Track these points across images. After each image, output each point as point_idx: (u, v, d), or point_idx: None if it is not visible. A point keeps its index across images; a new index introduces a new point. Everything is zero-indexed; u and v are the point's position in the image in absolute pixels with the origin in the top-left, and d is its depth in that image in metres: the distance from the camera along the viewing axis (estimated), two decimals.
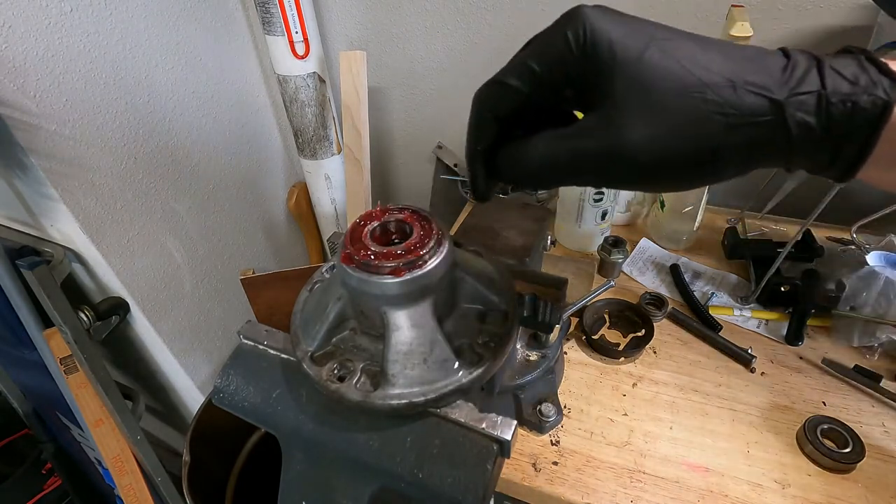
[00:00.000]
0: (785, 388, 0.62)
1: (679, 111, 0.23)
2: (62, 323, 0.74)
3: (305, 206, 1.20)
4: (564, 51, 0.24)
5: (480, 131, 0.28)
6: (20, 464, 1.11)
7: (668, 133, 0.23)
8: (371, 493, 0.30)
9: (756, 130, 0.22)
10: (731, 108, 0.22)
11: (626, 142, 0.23)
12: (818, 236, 0.76)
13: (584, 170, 0.26)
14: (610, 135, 0.24)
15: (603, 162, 0.25)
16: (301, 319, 0.34)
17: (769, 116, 0.22)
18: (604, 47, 0.24)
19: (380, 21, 0.98)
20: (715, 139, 0.23)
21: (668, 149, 0.23)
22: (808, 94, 0.22)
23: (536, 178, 0.27)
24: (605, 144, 0.24)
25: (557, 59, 0.25)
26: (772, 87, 0.22)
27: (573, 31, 0.24)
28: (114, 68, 0.74)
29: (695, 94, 0.22)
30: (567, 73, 0.25)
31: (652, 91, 0.23)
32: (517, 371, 0.55)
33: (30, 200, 0.73)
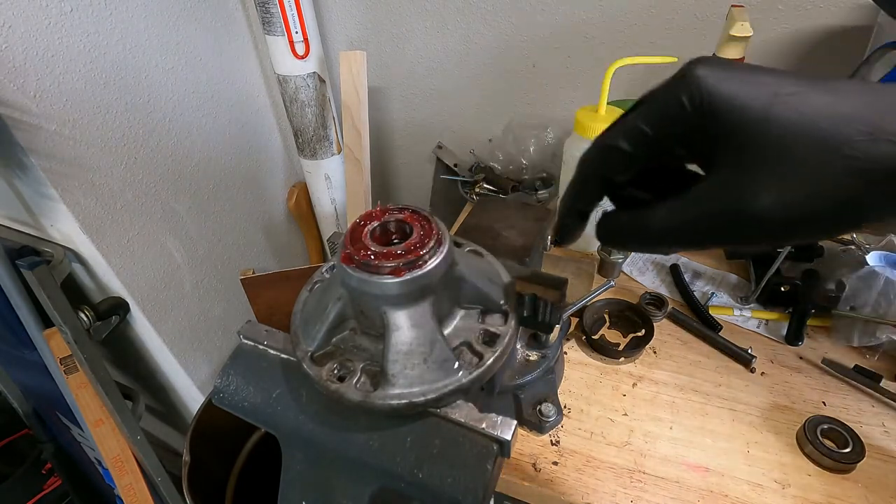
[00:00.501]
0: (785, 388, 0.62)
1: (813, 170, 0.21)
2: (62, 323, 0.74)
3: (305, 206, 1.20)
4: (680, 114, 0.23)
5: (585, 192, 0.28)
6: (20, 464, 1.11)
7: (802, 194, 0.22)
8: (371, 493, 0.30)
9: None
10: (871, 162, 0.21)
11: (758, 206, 0.22)
12: None
13: (710, 236, 0.25)
14: (739, 199, 0.23)
15: (732, 227, 0.23)
16: (301, 319, 0.34)
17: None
18: (723, 108, 0.22)
19: (380, 21, 0.98)
20: (855, 197, 0.21)
21: (804, 210, 0.22)
22: None
23: (659, 246, 0.27)
24: (733, 210, 0.23)
25: (672, 123, 0.24)
26: None
27: (688, 95, 0.23)
28: (114, 68, 0.74)
29: (830, 150, 0.21)
30: (682, 135, 0.24)
31: (782, 151, 0.22)
32: (517, 371, 0.55)
33: (30, 200, 0.73)
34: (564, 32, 0.87)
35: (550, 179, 0.94)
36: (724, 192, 0.23)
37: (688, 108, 0.23)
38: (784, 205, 0.22)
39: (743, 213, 0.23)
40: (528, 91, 0.96)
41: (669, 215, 0.25)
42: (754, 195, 0.22)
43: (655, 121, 0.25)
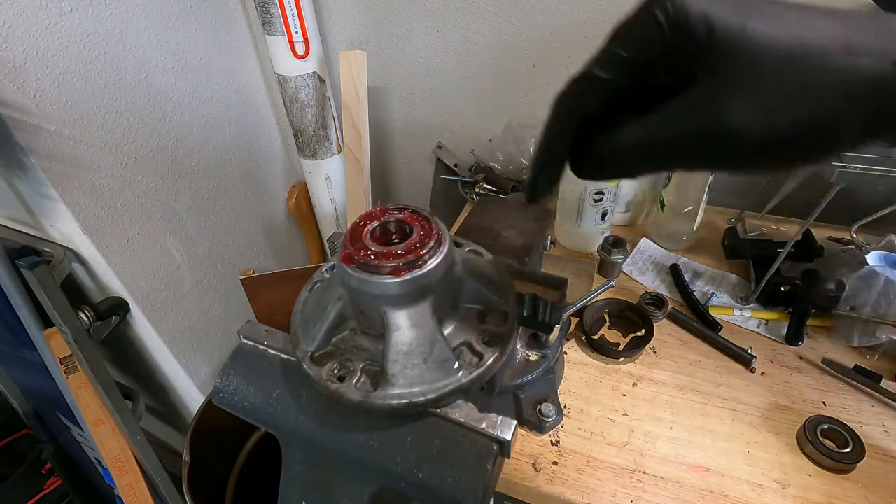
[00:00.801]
0: (785, 388, 0.62)
1: (790, 82, 0.21)
2: (62, 323, 0.74)
3: (305, 206, 1.20)
4: (655, 31, 0.23)
5: (562, 134, 0.26)
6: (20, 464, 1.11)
7: (779, 107, 0.21)
8: (371, 493, 0.30)
9: (878, 100, 0.20)
10: (849, 77, 0.20)
11: (734, 119, 0.22)
12: (818, 236, 0.76)
13: (685, 152, 0.24)
14: (715, 112, 0.22)
15: (708, 143, 0.23)
16: (301, 319, 0.34)
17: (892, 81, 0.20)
18: (699, 24, 0.22)
19: (380, 21, 0.98)
20: (832, 110, 0.21)
21: (780, 124, 0.21)
22: None
23: (629, 167, 0.25)
24: (710, 123, 0.22)
25: (648, 41, 0.23)
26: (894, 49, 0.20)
27: (663, 12, 0.22)
28: (114, 68, 0.74)
29: (807, 61, 0.20)
30: (660, 55, 0.23)
31: (759, 62, 0.21)
32: (517, 371, 0.55)
33: (30, 200, 0.73)
34: (564, 32, 0.87)
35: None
36: (699, 108, 0.23)
37: (664, 26, 0.22)
38: (760, 121, 0.21)
39: (718, 129, 0.22)
40: (528, 91, 0.96)
41: (643, 131, 0.24)
42: (730, 110, 0.22)
43: (632, 43, 0.24)
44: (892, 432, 0.56)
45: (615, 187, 0.78)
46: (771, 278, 0.69)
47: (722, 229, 0.85)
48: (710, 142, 0.23)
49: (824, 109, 0.21)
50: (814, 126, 0.21)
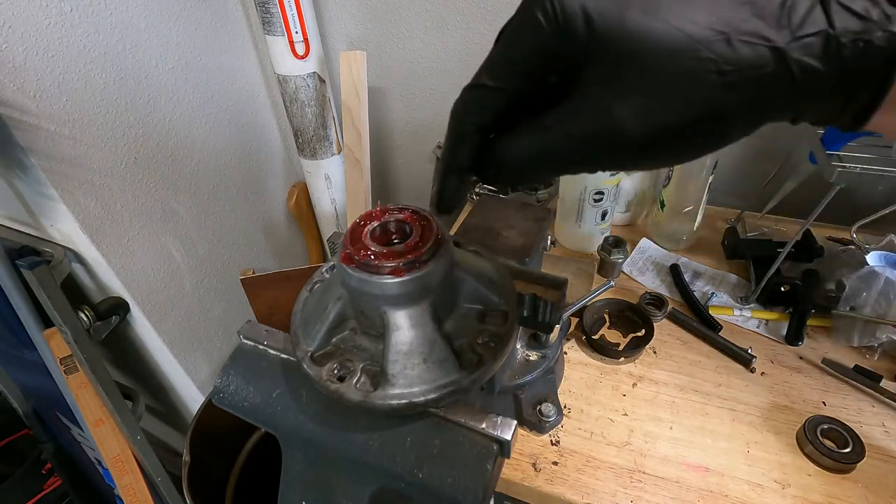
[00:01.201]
0: (785, 388, 0.62)
1: (670, 76, 0.20)
2: (62, 323, 0.74)
3: (305, 206, 1.20)
4: (538, 33, 0.22)
5: (462, 146, 0.26)
6: (20, 464, 1.11)
7: (661, 103, 0.21)
8: (371, 493, 0.30)
9: (758, 84, 0.20)
10: (727, 65, 0.20)
11: (617, 119, 0.21)
12: (818, 236, 0.76)
13: (577, 157, 0.23)
14: (599, 114, 0.22)
15: (596, 145, 0.22)
16: (301, 319, 0.34)
17: (771, 67, 0.20)
18: (578, 19, 0.21)
19: (380, 21, 0.98)
20: (714, 101, 0.20)
21: (664, 119, 0.21)
22: (812, 36, 0.19)
23: (527, 175, 0.25)
24: (595, 126, 0.22)
25: (533, 45, 0.23)
26: (769, 33, 0.19)
27: (541, 9, 0.22)
28: (114, 68, 0.74)
29: (685, 54, 0.20)
30: (546, 58, 0.23)
31: (637, 58, 0.21)
32: (517, 371, 0.55)
33: (30, 200, 0.73)
34: None
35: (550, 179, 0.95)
36: (584, 109, 0.22)
37: (543, 24, 0.22)
38: (644, 119, 0.21)
39: (605, 127, 0.22)
40: None
41: (532, 140, 0.24)
42: (613, 110, 0.21)
43: (517, 47, 0.23)
44: (892, 432, 0.56)
45: (615, 187, 0.78)
46: (771, 278, 0.69)
47: (722, 229, 0.85)
48: (599, 143, 0.22)
49: (707, 101, 0.20)
50: (699, 119, 0.21)
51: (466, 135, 0.26)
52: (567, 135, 0.23)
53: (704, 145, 0.22)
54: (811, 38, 0.19)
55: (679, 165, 0.75)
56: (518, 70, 0.23)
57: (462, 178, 0.27)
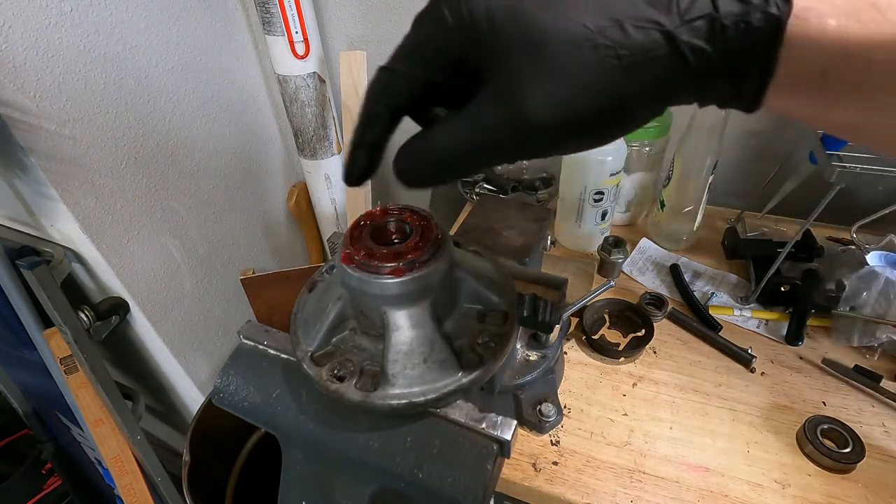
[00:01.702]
0: (785, 388, 0.62)
1: (571, 64, 0.21)
2: (62, 323, 0.74)
3: (305, 206, 1.20)
4: (444, 28, 0.23)
5: (372, 121, 0.27)
6: (20, 464, 1.11)
7: (565, 90, 0.21)
8: (371, 493, 0.30)
9: (654, 68, 0.21)
10: (622, 50, 0.20)
11: (526, 108, 0.22)
12: (818, 236, 0.76)
13: (493, 148, 0.24)
14: (508, 105, 0.22)
15: (510, 135, 0.23)
16: (301, 319, 0.34)
17: (663, 50, 0.20)
18: (481, 14, 0.22)
19: (380, 21, 0.98)
20: (616, 86, 0.21)
21: (571, 105, 0.21)
22: (700, 19, 0.20)
23: (447, 170, 0.26)
24: (506, 116, 0.22)
25: (441, 39, 0.24)
26: (660, 17, 0.20)
27: (447, 5, 0.23)
28: (114, 68, 0.74)
29: (583, 42, 0.21)
30: (451, 50, 0.24)
31: (538, 49, 0.21)
32: (517, 371, 0.55)
33: (30, 200, 0.73)
34: None
35: (550, 179, 0.95)
36: (494, 101, 0.23)
37: (449, 19, 0.23)
38: (549, 108, 0.21)
39: (515, 118, 0.22)
40: None
41: (446, 135, 0.24)
42: (521, 98, 0.22)
43: (426, 39, 0.24)
44: (892, 432, 0.56)
45: (615, 187, 0.78)
46: (771, 278, 0.69)
47: (722, 229, 0.85)
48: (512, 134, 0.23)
49: (608, 86, 0.21)
50: (603, 104, 0.21)
51: (378, 115, 0.26)
52: (480, 128, 0.23)
53: (613, 128, 0.23)
54: (699, 20, 0.20)
55: (679, 165, 0.75)
56: (426, 60, 0.24)
57: (370, 154, 0.28)
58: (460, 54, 0.24)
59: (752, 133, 0.87)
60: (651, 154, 0.82)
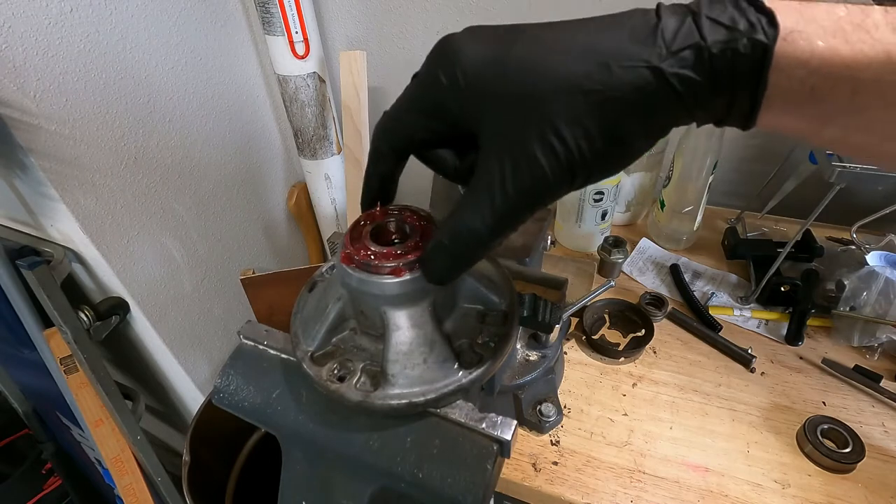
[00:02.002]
0: (785, 388, 0.62)
1: (563, 112, 0.21)
2: (62, 323, 0.74)
3: (305, 206, 1.20)
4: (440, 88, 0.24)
5: (380, 159, 0.28)
6: (20, 464, 1.11)
7: (567, 142, 0.22)
8: (371, 493, 0.30)
9: (645, 103, 0.21)
10: (612, 91, 0.21)
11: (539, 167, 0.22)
12: (818, 236, 0.76)
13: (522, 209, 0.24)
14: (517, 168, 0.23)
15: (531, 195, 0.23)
16: (301, 320, 0.34)
17: (654, 85, 0.21)
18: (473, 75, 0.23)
19: (380, 21, 0.98)
20: (610, 126, 0.22)
21: (576, 156, 0.22)
22: (686, 49, 0.20)
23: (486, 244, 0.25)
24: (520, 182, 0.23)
25: (438, 98, 0.24)
26: (645, 54, 0.21)
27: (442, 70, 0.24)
28: (114, 68, 0.74)
29: (572, 89, 0.21)
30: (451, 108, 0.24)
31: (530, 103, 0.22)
32: (517, 371, 0.55)
33: (30, 200, 0.73)
34: None
35: None
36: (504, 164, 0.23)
37: (443, 80, 0.24)
38: (558, 160, 0.22)
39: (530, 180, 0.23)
40: None
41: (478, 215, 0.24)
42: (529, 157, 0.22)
43: (421, 96, 0.25)
44: (892, 432, 0.56)
45: (615, 187, 0.78)
46: (771, 278, 0.69)
47: (722, 229, 0.85)
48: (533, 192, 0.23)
49: (604, 128, 0.21)
50: (602, 146, 0.22)
51: (383, 154, 0.28)
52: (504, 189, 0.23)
53: (616, 162, 0.24)
54: (685, 51, 0.20)
55: (679, 165, 0.75)
56: (423, 115, 0.26)
57: (383, 184, 0.30)
58: (457, 112, 0.24)
59: (752, 133, 0.87)
60: (651, 154, 0.82)
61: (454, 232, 0.26)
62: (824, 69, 0.19)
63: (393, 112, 0.27)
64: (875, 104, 0.20)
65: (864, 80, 0.19)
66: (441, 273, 0.28)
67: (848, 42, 0.19)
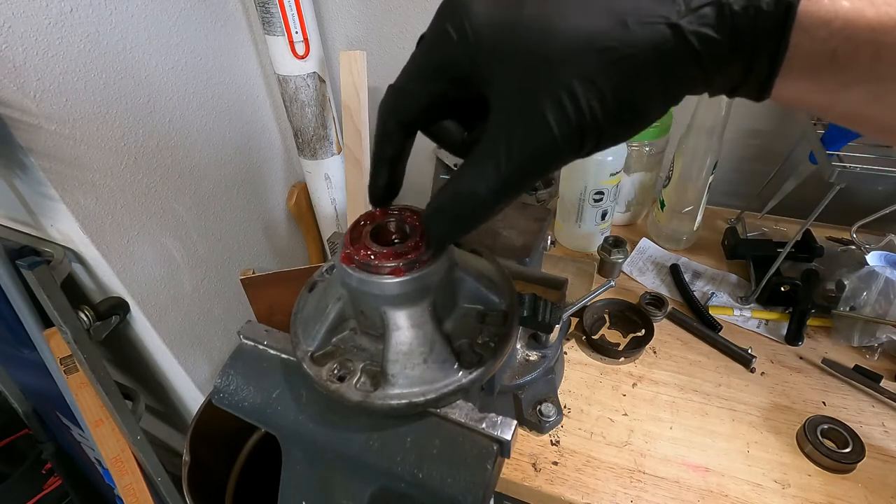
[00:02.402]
0: (785, 388, 0.62)
1: (579, 71, 0.20)
2: (62, 323, 0.74)
3: (305, 206, 1.20)
4: (448, 44, 0.23)
5: (387, 138, 0.27)
6: (20, 464, 1.11)
7: (579, 104, 0.21)
8: (371, 493, 0.30)
9: (663, 62, 0.20)
10: (629, 49, 0.20)
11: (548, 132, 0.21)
12: (818, 236, 0.76)
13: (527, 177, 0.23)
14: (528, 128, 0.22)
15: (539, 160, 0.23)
16: (301, 320, 0.34)
17: (672, 43, 0.20)
18: (483, 29, 0.22)
19: (380, 21, 0.98)
20: (626, 86, 0.21)
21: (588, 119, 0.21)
22: (707, 6, 0.19)
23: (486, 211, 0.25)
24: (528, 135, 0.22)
25: (446, 55, 0.23)
26: (664, 10, 0.20)
27: (451, 23, 0.23)
28: (114, 68, 0.74)
29: (588, 46, 0.20)
30: (461, 66, 0.23)
31: (544, 60, 0.21)
32: (517, 371, 0.55)
33: (30, 200, 0.73)
34: None
35: (550, 179, 0.94)
36: (512, 125, 0.22)
37: (453, 36, 0.23)
38: (568, 122, 0.21)
39: (538, 143, 0.22)
40: None
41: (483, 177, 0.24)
42: (538, 118, 0.21)
43: (429, 56, 0.24)
44: (892, 432, 0.56)
45: (615, 187, 0.78)
46: (771, 278, 0.69)
47: (722, 229, 0.85)
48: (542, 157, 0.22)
49: (619, 88, 0.21)
50: (617, 107, 0.21)
51: (391, 131, 0.27)
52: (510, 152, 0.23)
53: (629, 126, 0.23)
54: (706, 7, 0.20)
55: (679, 165, 0.75)
56: (432, 77, 0.25)
57: (392, 169, 0.29)
58: (467, 69, 0.23)
59: (752, 133, 0.87)
60: (651, 154, 0.82)
61: (457, 194, 0.25)
62: (847, 30, 0.19)
63: (399, 83, 0.26)
64: (895, 73, 0.19)
65: (886, 45, 0.19)
66: (442, 237, 0.27)
67: (873, 4, 0.18)
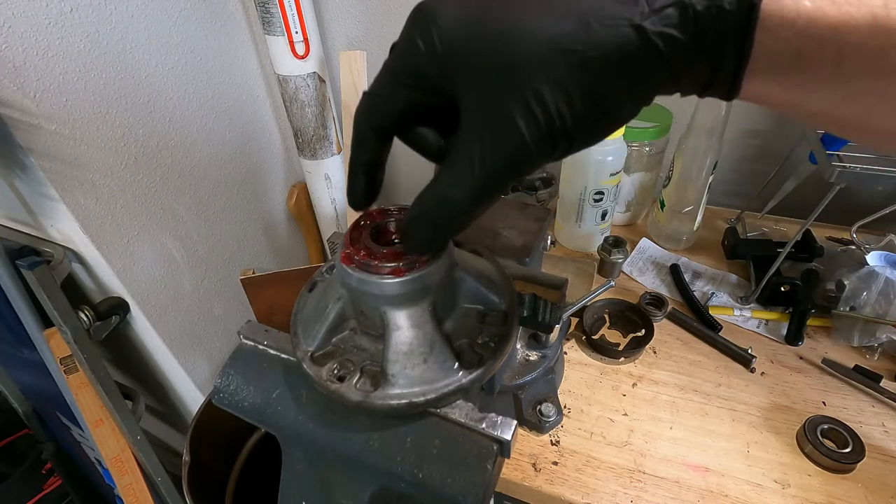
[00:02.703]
0: (785, 388, 0.62)
1: (544, 75, 0.20)
2: (62, 323, 0.74)
3: (305, 206, 1.20)
4: (418, 55, 0.23)
5: (363, 144, 0.27)
6: (20, 464, 1.11)
7: (546, 106, 0.21)
8: (371, 493, 0.30)
9: (628, 63, 0.20)
10: (593, 52, 0.20)
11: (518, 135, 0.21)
12: (818, 236, 0.76)
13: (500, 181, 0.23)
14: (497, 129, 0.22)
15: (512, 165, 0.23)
16: (301, 320, 0.34)
17: (636, 45, 0.20)
18: (450, 40, 0.22)
19: (380, 21, 0.98)
20: (593, 88, 0.21)
21: (557, 121, 0.21)
22: (670, 7, 0.19)
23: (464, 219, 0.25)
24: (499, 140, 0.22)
25: (416, 65, 0.24)
26: (627, 12, 0.20)
27: (420, 35, 0.23)
28: (114, 68, 0.74)
29: (552, 50, 0.20)
30: (430, 75, 0.23)
31: (508, 66, 0.21)
32: (517, 371, 0.55)
33: (30, 200, 0.73)
34: None
35: (550, 179, 0.94)
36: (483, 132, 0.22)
37: (421, 47, 0.23)
38: (538, 126, 0.21)
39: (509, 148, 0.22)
40: None
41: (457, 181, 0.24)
42: (508, 123, 0.21)
43: (400, 65, 0.25)
44: (892, 432, 0.56)
45: (615, 187, 0.78)
46: (771, 278, 0.69)
47: (722, 229, 0.85)
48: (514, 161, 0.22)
49: (587, 91, 0.21)
50: (585, 109, 0.21)
51: (365, 136, 0.27)
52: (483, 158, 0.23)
53: (600, 127, 0.23)
54: (669, 8, 0.20)
55: (679, 165, 0.75)
56: (404, 86, 0.25)
57: (368, 174, 0.29)
58: (436, 79, 0.24)
59: (752, 133, 0.87)
60: (651, 154, 0.82)
61: (434, 202, 0.25)
62: (811, 30, 0.19)
63: (372, 88, 0.26)
64: (859, 72, 0.19)
65: (849, 44, 0.19)
66: (421, 244, 0.27)
67: (835, 3, 0.19)
